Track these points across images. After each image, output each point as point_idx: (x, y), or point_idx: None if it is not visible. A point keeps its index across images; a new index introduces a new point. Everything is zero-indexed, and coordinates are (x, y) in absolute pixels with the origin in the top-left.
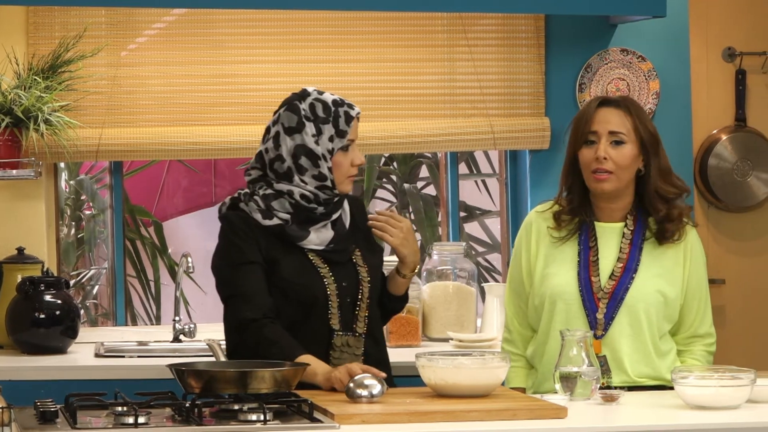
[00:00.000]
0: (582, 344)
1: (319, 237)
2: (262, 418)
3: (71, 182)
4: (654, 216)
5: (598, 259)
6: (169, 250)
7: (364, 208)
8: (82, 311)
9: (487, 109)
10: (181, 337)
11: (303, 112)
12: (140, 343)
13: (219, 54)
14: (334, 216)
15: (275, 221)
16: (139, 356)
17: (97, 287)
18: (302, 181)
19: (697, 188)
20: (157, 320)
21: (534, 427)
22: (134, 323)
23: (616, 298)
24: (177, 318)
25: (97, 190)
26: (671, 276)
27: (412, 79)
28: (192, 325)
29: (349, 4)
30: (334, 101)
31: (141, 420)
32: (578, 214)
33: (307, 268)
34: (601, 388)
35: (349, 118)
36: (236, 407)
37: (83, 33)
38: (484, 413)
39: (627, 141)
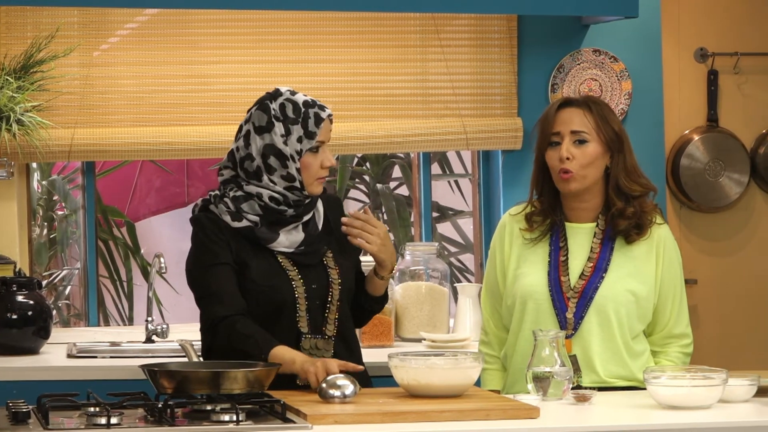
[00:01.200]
0: (554, 344)
1: (288, 239)
2: (234, 418)
3: (43, 182)
4: (612, 211)
5: (567, 259)
6: (142, 251)
7: (341, 207)
8: (54, 312)
9: (459, 110)
10: (154, 337)
11: (273, 112)
12: (113, 344)
13: (192, 54)
14: (306, 218)
15: (244, 223)
16: (111, 357)
17: (69, 288)
18: (271, 181)
19: (669, 188)
20: (130, 321)
21: (507, 427)
22: (107, 324)
23: (586, 297)
24: (149, 318)
25: (70, 190)
26: (642, 274)
27: (385, 79)
28: (165, 326)
29: (323, 4)
30: (305, 102)
31: (113, 421)
32: (549, 215)
33: (276, 270)
34: (572, 388)
35: (319, 120)
36: (209, 408)
37: (55, 33)
38: (456, 413)
39: (590, 140)
